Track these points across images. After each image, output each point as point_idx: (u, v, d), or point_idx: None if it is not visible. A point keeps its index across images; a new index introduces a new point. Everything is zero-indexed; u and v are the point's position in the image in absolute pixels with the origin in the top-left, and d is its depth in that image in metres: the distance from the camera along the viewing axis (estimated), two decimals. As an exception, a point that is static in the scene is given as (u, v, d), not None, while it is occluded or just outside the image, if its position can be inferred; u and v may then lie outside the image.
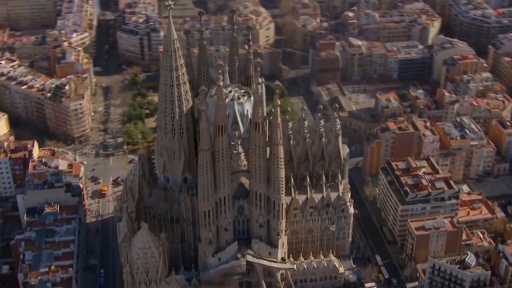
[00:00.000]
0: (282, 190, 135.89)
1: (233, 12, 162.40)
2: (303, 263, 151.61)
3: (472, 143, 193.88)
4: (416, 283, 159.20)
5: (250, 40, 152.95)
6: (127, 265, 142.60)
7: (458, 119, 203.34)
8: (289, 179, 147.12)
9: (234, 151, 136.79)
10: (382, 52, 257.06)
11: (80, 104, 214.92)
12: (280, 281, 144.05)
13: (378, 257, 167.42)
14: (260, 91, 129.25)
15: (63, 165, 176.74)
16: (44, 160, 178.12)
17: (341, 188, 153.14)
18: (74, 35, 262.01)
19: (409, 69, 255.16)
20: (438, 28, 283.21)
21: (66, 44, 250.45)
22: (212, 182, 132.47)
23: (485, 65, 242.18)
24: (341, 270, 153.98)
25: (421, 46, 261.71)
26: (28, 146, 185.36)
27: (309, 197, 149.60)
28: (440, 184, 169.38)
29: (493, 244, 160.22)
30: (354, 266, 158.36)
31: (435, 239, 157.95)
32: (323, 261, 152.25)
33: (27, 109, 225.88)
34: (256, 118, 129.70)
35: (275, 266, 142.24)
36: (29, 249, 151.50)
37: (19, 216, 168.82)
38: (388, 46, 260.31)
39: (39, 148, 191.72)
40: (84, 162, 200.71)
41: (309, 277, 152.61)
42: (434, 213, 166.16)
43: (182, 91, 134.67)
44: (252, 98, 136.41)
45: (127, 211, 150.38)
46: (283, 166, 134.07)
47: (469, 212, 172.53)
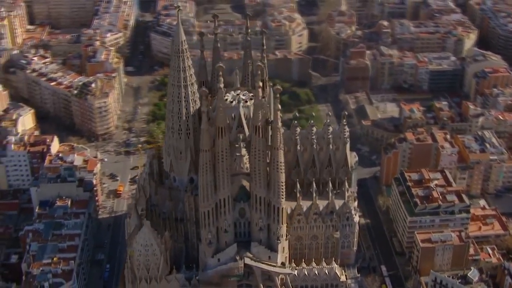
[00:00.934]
0: (282, 195, 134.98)
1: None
2: (304, 269, 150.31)
3: (491, 157, 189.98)
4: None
5: (263, 45, 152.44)
6: (128, 261, 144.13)
7: (480, 133, 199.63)
8: (295, 184, 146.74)
9: (237, 153, 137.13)
10: (413, 62, 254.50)
11: (105, 102, 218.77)
12: (280, 286, 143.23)
13: (384, 268, 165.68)
14: (261, 94, 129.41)
15: (78, 161, 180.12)
16: (61, 155, 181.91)
17: (347, 196, 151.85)
18: (108, 35, 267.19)
19: (440, 81, 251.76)
20: (475, 40, 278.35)
21: (98, 43, 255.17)
22: (212, 183, 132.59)
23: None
24: (343, 278, 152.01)
25: (453, 58, 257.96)
26: (47, 140, 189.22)
27: (313, 203, 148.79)
28: (451, 197, 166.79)
29: (502, 260, 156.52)
30: (358, 275, 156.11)
31: (441, 252, 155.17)
32: (325, 268, 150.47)
33: (55, 105, 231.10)
34: (256, 121, 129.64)
35: (274, 270, 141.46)
36: (35, 240, 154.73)
37: (33, 209, 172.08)
38: (419, 57, 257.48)
39: (60, 143, 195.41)
40: (105, 159, 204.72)
41: (309, 284, 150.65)
42: (443, 226, 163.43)
43: (189, 92, 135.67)
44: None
45: (136, 208, 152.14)
46: (283, 171, 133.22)
47: (480, 227, 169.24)
